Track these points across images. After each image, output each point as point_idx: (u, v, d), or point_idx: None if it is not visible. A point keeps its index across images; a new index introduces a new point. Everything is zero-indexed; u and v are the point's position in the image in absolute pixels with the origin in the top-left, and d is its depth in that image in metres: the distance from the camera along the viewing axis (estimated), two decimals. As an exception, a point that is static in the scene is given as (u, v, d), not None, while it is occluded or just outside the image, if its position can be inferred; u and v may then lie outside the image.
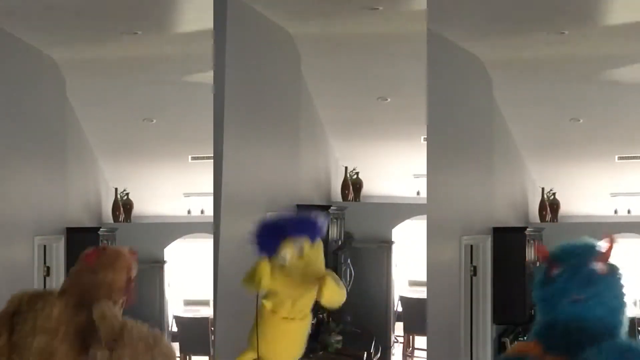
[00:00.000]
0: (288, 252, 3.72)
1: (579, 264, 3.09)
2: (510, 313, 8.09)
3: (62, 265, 8.01)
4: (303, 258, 3.74)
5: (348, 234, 8.78)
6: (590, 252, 3.15)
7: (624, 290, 3.17)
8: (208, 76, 6.77)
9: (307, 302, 3.83)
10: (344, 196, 9.12)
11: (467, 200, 7.98)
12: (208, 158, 6.88)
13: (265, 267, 3.76)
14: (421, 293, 7.82)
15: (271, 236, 3.85)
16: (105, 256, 3.77)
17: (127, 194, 8.83)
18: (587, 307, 3.03)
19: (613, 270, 3.16)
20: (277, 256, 3.75)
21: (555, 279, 3.07)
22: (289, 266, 3.74)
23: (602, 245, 3.19)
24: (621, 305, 3.12)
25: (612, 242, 3.18)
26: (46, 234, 7.84)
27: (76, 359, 3.54)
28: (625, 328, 3.10)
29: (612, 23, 7.19)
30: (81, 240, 8.17)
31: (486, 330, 8.09)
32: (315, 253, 3.79)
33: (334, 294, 3.80)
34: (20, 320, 3.50)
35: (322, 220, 3.91)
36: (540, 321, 3.12)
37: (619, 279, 3.17)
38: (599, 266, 3.12)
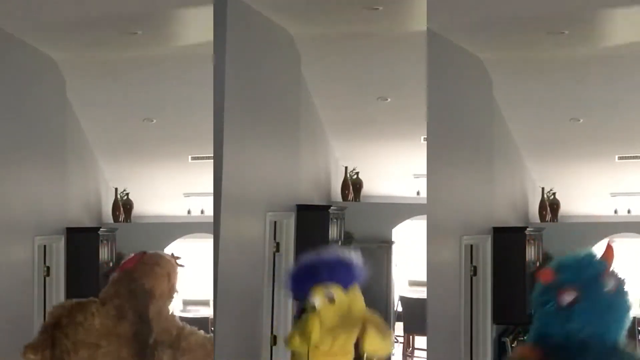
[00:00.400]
0: (318, 298, 3.69)
1: (595, 290, 2.93)
2: (510, 313, 8.09)
3: (62, 265, 8.01)
4: (335, 305, 3.70)
5: (348, 234, 8.78)
6: (598, 268, 3.00)
7: (629, 305, 3.07)
8: (208, 76, 6.77)
9: (349, 340, 3.80)
10: (344, 196, 9.12)
11: (467, 200, 7.98)
12: (208, 158, 6.88)
13: (315, 322, 3.70)
14: (421, 293, 7.82)
15: (303, 281, 3.81)
16: (144, 263, 3.67)
17: (127, 194, 8.82)
18: (605, 335, 2.93)
19: (620, 284, 3.06)
20: (307, 301, 3.72)
21: (573, 309, 2.89)
22: (329, 309, 3.70)
23: (600, 251, 3.09)
24: (627, 318, 3.04)
25: (611, 250, 3.07)
26: (46, 234, 7.83)
27: None
28: (624, 340, 3.03)
29: (612, 23, 7.19)
30: (81, 240, 8.17)
31: (486, 330, 8.09)
32: (351, 298, 3.74)
33: (376, 346, 3.74)
34: (61, 334, 3.44)
35: (358, 264, 3.85)
36: (539, 330, 3.01)
37: (626, 295, 3.06)
38: (610, 282, 3.00)
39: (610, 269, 3.05)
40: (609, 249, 3.07)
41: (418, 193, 8.65)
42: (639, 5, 6.66)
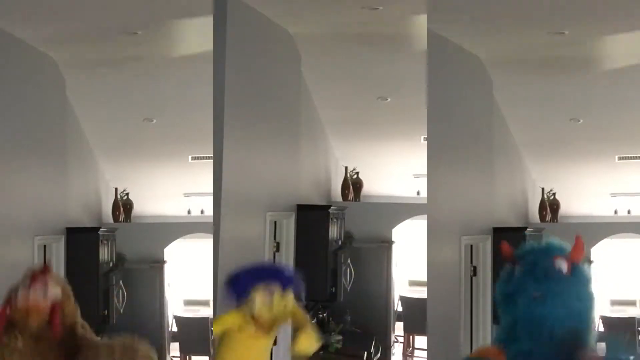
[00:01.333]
0: (258, 298, 3.81)
1: (536, 260, 3.00)
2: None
3: (62, 265, 8.01)
4: (272, 309, 3.83)
5: (348, 234, 8.78)
6: (550, 250, 3.05)
7: (591, 293, 3.01)
8: (208, 76, 6.77)
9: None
10: (344, 196, 9.12)
11: (467, 200, 7.98)
12: (208, 158, 6.88)
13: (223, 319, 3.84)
14: (421, 293, 7.83)
15: (244, 282, 3.92)
16: (17, 313, 3.68)
17: (127, 194, 8.83)
18: (546, 306, 2.91)
19: (578, 271, 3.02)
20: (248, 302, 3.83)
21: (518, 274, 3.03)
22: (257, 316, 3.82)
23: (569, 246, 3.08)
24: (585, 308, 2.96)
25: (579, 242, 3.06)
26: (46, 234, 7.83)
27: None
28: (592, 333, 2.97)
29: (612, 23, 7.19)
30: (81, 240, 8.17)
31: (486, 330, 8.09)
32: (283, 304, 3.87)
33: (310, 345, 3.86)
34: None
35: (294, 272, 4.00)
36: (502, 325, 3.09)
37: (585, 280, 3.01)
38: (560, 264, 3.00)
39: (572, 255, 3.04)
40: (577, 241, 3.08)
41: (418, 193, 8.66)
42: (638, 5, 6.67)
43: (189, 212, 8.76)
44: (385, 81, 8.47)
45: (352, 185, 9.12)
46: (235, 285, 3.96)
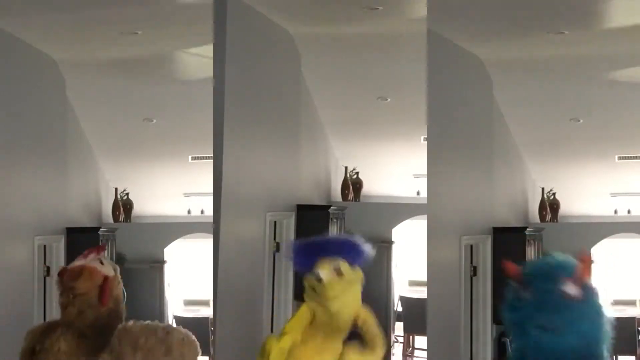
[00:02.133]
0: (324, 271, 3.60)
1: (548, 289, 2.81)
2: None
3: (62, 265, 8.01)
4: (342, 280, 3.62)
5: (348, 234, 8.77)
6: (562, 272, 2.86)
7: (603, 316, 2.84)
8: (208, 76, 6.77)
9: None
10: (344, 196, 9.11)
11: (467, 200, 7.98)
12: (208, 158, 6.88)
13: (272, 343, 3.69)
14: (421, 293, 7.82)
15: (309, 253, 3.73)
16: (68, 275, 3.71)
17: (127, 194, 8.82)
18: (559, 337, 2.76)
19: (589, 295, 2.85)
20: (310, 274, 3.64)
21: (524, 304, 2.84)
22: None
23: (577, 263, 2.89)
24: (599, 335, 2.80)
25: (588, 261, 2.89)
26: (46, 234, 7.83)
27: None
28: (606, 355, 2.82)
29: (612, 23, 7.18)
30: (81, 240, 8.17)
31: (486, 330, 8.09)
32: (358, 276, 3.67)
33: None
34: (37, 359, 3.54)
35: (364, 245, 3.76)
36: (514, 349, 2.90)
37: (596, 304, 2.85)
38: (571, 290, 2.83)
39: (580, 277, 2.84)
40: (584, 260, 2.91)
41: (418, 193, 8.65)
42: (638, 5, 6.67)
43: (189, 212, 8.75)
44: (385, 81, 8.47)
45: (352, 185, 9.12)
46: (298, 256, 3.77)
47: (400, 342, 9.32)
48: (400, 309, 9.34)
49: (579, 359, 2.77)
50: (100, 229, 8.40)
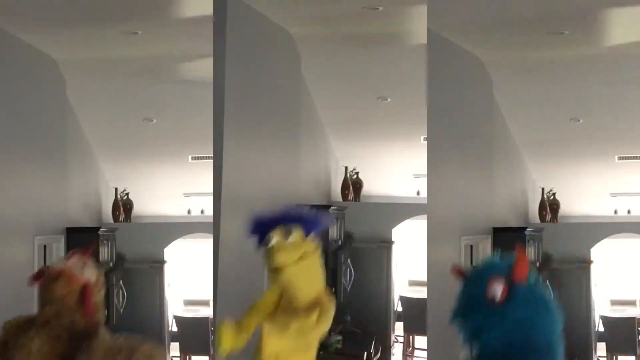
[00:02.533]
0: (274, 236, 3.63)
1: (469, 290, 2.85)
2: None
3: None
4: (294, 246, 3.59)
5: (348, 234, 8.78)
6: (483, 274, 2.81)
7: (531, 316, 2.72)
8: (208, 76, 6.77)
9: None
10: (344, 196, 9.12)
11: (467, 200, 7.98)
12: (208, 158, 6.88)
13: (224, 328, 3.65)
14: (421, 293, 7.82)
15: (264, 225, 3.77)
16: (45, 278, 3.56)
17: (127, 194, 8.83)
18: (484, 337, 2.78)
19: (516, 294, 2.75)
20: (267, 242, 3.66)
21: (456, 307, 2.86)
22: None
23: (509, 261, 2.81)
24: (529, 332, 2.69)
25: (520, 258, 2.79)
26: (46, 234, 7.83)
27: None
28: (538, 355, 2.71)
29: (612, 23, 7.19)
30: (81, 240, 8.17)
31: (486, 330, 8.08)
32: (309, 251, 3.66)
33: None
34: (8, 355, 3.42)
35: (319, 215, 3.76)
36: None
37: (523, 303, 2.73)
38: (495, 290, 2.76)
39: (516, 274, 2.75)
40: (518, 255, 2.81)
41: (418, 193, 8.65)
42: (638, 5, 6.67)
43: (189, 212, 8.76)
44: (385, 81, 8.47)
45: (352, 185, 9.12)
46: (254, 227, 3.76)
47: (400, 342, 9.31)
48: (400, 309, 9.33)
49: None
50: (100, 229, 8.41)
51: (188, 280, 8.90)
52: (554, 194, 9.07)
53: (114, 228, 8.57)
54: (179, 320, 8.81)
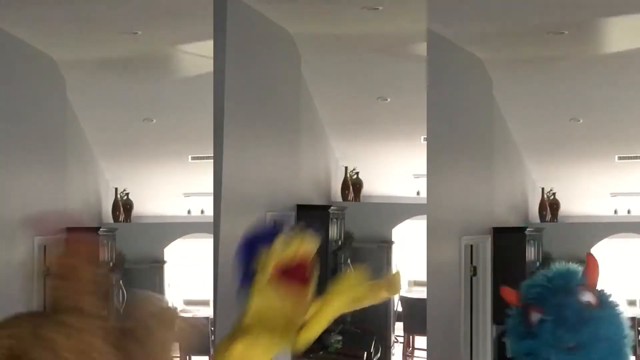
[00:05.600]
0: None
1: (563, 303, 2.51)
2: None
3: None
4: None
5: (348, 234, 8.78)
6: (571, 282, 2.56)
7: (624, 320, 2.57)
8: (208, 76, 6.77)
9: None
10: (344, 196, 9.12)
11: (467, 200, 7.98)
12: (208, 158, 6.88)
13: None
14: (421, 293, 7.82)
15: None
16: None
17: (127, 194, 8.83)
18: (585, 354, 2.47)
19: (605, 299, 2.57)
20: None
21: (539, 327, 2.50)
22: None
23: (582, 267, 2.60)
24: (623, 341, 2.52)
25: (593, 262, 2.58)
26: (46, 234, 7.83)
27: None
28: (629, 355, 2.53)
29: (612, 23, 7.19)
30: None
31: (486, 330, 8.09)
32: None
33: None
34: None
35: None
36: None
37: (615, 305, 2.57)
38: (587, 298, 2.55)
39: (591, 280, 2.55)
40: (590, 261, 2.59)
41: (418, 193, 8.65)
42: (638, 5, 6.67)
43: (189, 212, 8.76)
44: (385, 81, 8.47)
45: (352, 185, 9.12)
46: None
47: (400, 342, 9.32)
48: (400, 309, 9.34)
49: None
50: (100, 229, 8.40)
51: (188, 280, 8.90)
52: (554, 194, 9.07)
53: (114, 228, 8.57)
54: (179, 320, 8.81)
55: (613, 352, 2.50)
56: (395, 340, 9.22)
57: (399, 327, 9.28)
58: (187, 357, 8.75)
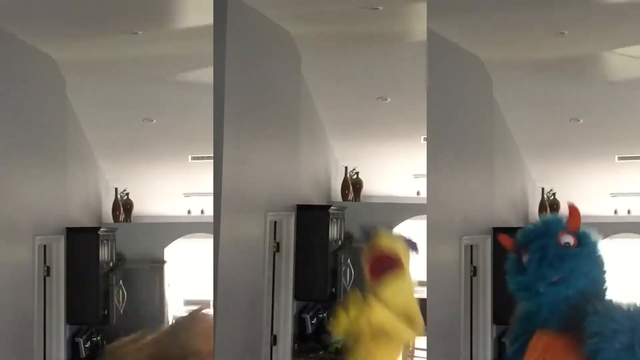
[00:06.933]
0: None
1: (544, 245, 2.98)
2: (510, 313, 8.07)
3: (62, 265, 8.02)
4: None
5: (348, 234, 8.78)
6: (551, 229, 3.04)
7: (600, 255, 3.06)
8: (208, 76, 6.77)
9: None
10: (344, 196, 9.11)
11: (467, 200, 7.98)
12: (208, 158, 6.88)
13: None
14: (421, 293, 7.82)
15: None
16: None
17: (127, 194, 8.83)
18: (567, 285, 2.93)
19: (583, 239, 3.09)
20: None
21: (527, 265, 2.99)
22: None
23: (564, 215, 3.10)
24: (601, 275, 3.00)
25: (574, 210, 3.12)
26: (46, 234, 7.84)
27: None
28: (606, 291, 3.02)
29: (612, 23, 7.19)
30: (81, 240, 8.18)
31: (486, 330, 8.09)
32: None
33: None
34: None
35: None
36: (524, 311, 3.10)
37: (593, 244, 3.08)
38: (567, 239, 3.02)
39: (572, 225, 3.07)
40: (571, 209, 3.12)
41: (418, 193, 8.65)
42: (638, 6, 6.67)
43: (189, 212, 8.76)
44: (385, 81, 8.47)
45: (352, 185, 9.12)
46: None
47: (400, 342, 9.30)
48: (400, 309, 9.33)
49: (587, 301, 2.91)
50: (100, 229, 8.40)
51: (188, 280, 8.90)
52: (554, 194, 9.06)
53: (114, 228, 8.57)
54: (179, 320, 8.81)
55: (592, 283, 2.96)
56: (395, 340, 9.20)
57: (399, 327, 9.26)
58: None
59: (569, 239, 3.04)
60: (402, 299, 3.91)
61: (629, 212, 9.00)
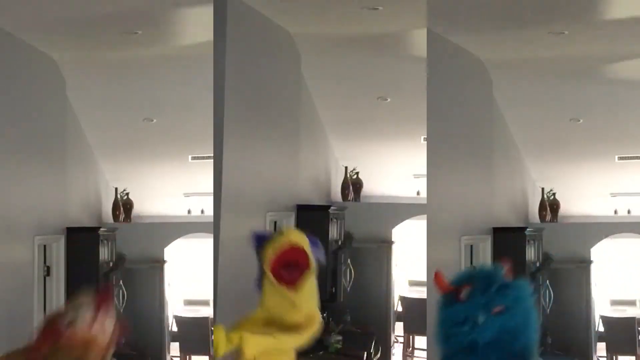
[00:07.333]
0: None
1: (489, 275, 2.83)
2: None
3: (62, 265, 8.01)
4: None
5: (348, 234, 8.78)
6: (495, 267, 2.91)
7: (534, 299, 2.89)
8: (208, 76, 6.77)
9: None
10: (344, 196, 9.12)
11: (467, 200, 7.98)
12: (208, 158, 6.88)
13: (219, 334, 3.77)
14: (421, 293, 7.82)
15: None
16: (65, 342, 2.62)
17: (127, 193, 8.83)
18: (509, 316, 2.75)
19: (522, 281, 2.89)
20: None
21: (470, 296, 2.78)
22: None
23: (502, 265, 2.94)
24: (534, 311, 2.85)
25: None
26: (46, 234, 7.83)
27: None
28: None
29: (612, 23, 7.19)
30: (81, 240, 8.18)
31: (486, 330, 8.08)
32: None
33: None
34: None
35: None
36: (456, 347, 2.83)
37: (530, 288, 2.89)
38: (507, 275, 2.88)
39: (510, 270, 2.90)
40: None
41: (418, 193, 8.65)
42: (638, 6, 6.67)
43: (189, 212, 8.76)
44: (385, 81, 8.47)
45: (352, 185, 9.12)
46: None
47: (400, 342, 9.32)
48: (400, 309, 9.34)
49: (518, 338, 2.75)
50: (100, 229, 8.40)
51: (188, 280, 8.90)
52: (554, 194, 9.06)
53: (114, 228, 8.57)
54: (179, 320, 8.82)
55: (530, 317, 2.81)
56: (395, 340, 9.22)
57: (399, 327, 9.28)
58: (187, 357, 8.76)
59: (509, 275, 2.90)
60: (314, 302, 3.91)
61: (629, 212, 9.00)
